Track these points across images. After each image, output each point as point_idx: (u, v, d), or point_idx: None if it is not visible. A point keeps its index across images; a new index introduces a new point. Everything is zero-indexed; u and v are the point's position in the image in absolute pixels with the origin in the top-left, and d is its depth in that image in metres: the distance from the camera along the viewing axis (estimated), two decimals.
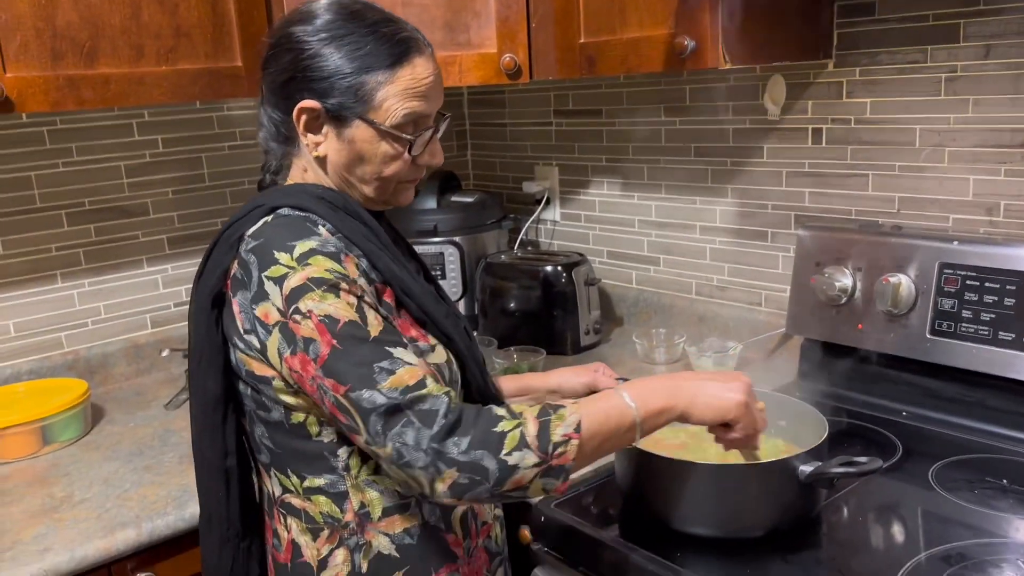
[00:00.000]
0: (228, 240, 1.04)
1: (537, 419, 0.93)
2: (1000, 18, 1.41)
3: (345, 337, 0.93)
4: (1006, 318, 1.36)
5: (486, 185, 2.43)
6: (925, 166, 1.54)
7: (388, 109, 1.03)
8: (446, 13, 1.62)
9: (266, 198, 1.06)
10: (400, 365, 0.93)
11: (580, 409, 0.95)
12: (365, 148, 1.05)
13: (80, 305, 1.86)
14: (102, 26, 1.46)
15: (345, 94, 1.02)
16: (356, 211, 1.07)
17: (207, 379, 1.06)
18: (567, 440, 0.93)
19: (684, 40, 1.38)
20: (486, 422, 0.92)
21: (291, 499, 1.06)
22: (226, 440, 1.09)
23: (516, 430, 0.91)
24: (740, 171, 1.82)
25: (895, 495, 1.25)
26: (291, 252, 0.97)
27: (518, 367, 1.75)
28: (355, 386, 0.92)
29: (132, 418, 1.70)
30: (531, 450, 0.91)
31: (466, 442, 0.90)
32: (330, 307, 0.94)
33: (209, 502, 1.12)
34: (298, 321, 0.94)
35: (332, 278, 0.96)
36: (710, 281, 1.94)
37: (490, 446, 0.90)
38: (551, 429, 0.92)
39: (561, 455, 0.92)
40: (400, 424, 0.91)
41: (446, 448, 0.89)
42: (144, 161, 1.90)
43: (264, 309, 0.97)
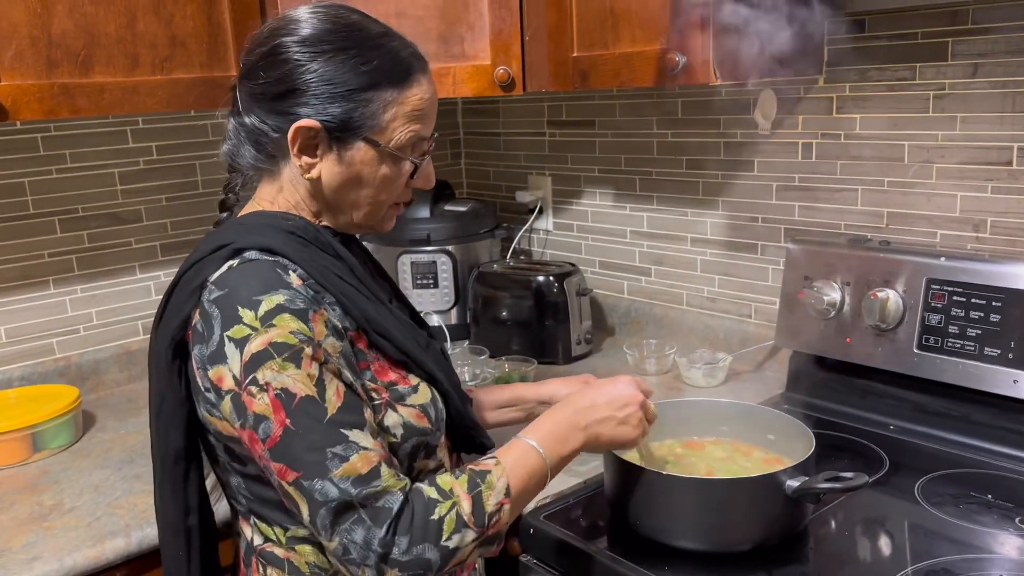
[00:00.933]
0: (189, 284, 0.96)
1: (469, 494, 0.93)
2: (988, 37, 1.42)
3: (300, 415, 0.88)
4: (992, 334, 1.38)
5: (479, 194, 2.44)
6: (913, 182, 1.56)
7: (394, 130, 0.98)
8: (440, 25, 1.63)
9: (229, 235, 0.97)
10: (355, 451, 0.89)
11: (505, 471, 0.96)
12: (365, 171, 0.99)
13: (72, 311, 1.86)
14: (97, 35, 1.46)
15: (350, 112, 0.96)
16: (328, 243, 1.01)
17: (169, 432, 1.01)
18: (500, 507, 0.94)
19: (675, 56, 1.39)
20: (423, 512, 0.90)
21: (273, 549, 1.02)
22: (187, 498, 1.04)
23: (452, 512, 0.91)
24: (731, 184, 1.83)
25: (881, 509, 1.26)
26: (256, 309, 0.90)
27: (509, 377, 1.76)
28: (307, 474, 0.88)
29: (123, 425, 1.70)
30: (469, 528, 0.92)
31: (406, 541, 0.88)
32: (288, 379, 0.88)
33: (169, 561, 1.06)
34: (253, 394, 0.89)
35: (296, 342, 0.89)
36: (701, 292, 1.95)
37: (430, 536, 0.89)
38: (484, 501, 0.93)
39: (496, 523, 0.94)
40: (350, 521, 0.88)
41: (390, 550, 0.88)
42: (138, 168, 1.90)
43: (219, 372, 0.91)
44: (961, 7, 1.44)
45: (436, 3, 1.62)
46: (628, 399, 1.08)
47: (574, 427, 1.04)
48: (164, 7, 1.52)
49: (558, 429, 1.04)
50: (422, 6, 1.61)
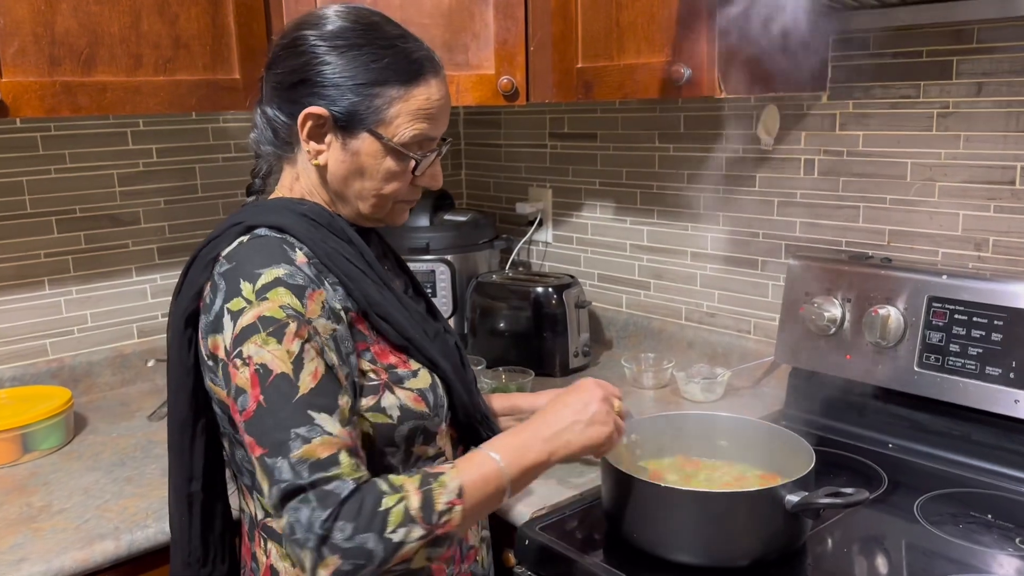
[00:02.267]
0: (204, 259, 1.02)
1: (419, 490, 0.92)
2: (992, 56, 1.43)
3: (272, 392, 0.91)
4: (993, 353, 1.37)
5: (479, 205, 2.44)
6: (916, 200, 1.56)
7: (399, 126, 1.01)
8: (445, 33, 1.62)
9: (245, 215, 1.03)
10: (317, 434, 0.90)
11: (460, 475, 0.95)
12: (368, 162, 1.03)
13: (67, 312, 1.85)
14: (101, 34, 1.46)
15: (357, 104, 1.00)
16: (341, 228, 1.04)
17: (177, 401, 1.06)
18: (451, 507, 0.92)
19: (680, 68, 1.39)
20: (371, 502, 0.90)
21: (272, 523, 1.04)
22: (192, 464, 1.08)
23: (399, 505, 0.90)
24: (732, 199, 1.83)
25: (880, 527, 1.25)
26: (254, 282, 0.94)
27: (506, 388, 1.75)
28: (270, 451, 0.90)
29: (115, 428, 1.68)
30: (416, 523, 0.90)
31: (350, 527, 0.88)
32: (268, 355, 0.91)
33: (173, 524, 1.11)
34: (237, 367, 0.93)
35: (283, 317, 0.92)
36: (700, 307, 1.94)
37: (374, 527, 0.89)
38: (434, 498, 0.92)
39: (446, 523, 0.92)
40: (297, 500, 0.89)
41: (331, 533, 0.87)
42: (137, 170, 1.89)
43: (215, 341, 0.96)
44: (966, 26, 1.44)
45: (441, 11, 1.62)
46: (588, 399, 1.07)
47: (537, 438, 1.03)
48: (169, 8, 1.52)
49: (519, 440, 1.02)
50: (427, 14, 1.62)
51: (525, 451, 1.01)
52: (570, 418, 1.05)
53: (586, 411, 1.06)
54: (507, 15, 1.62)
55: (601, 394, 1.08)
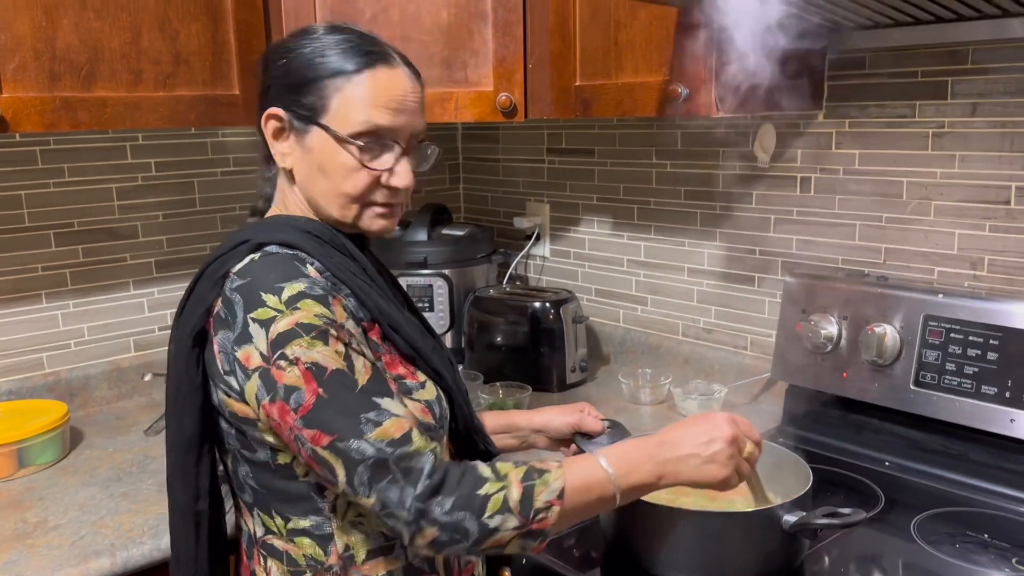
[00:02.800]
0: (212, 276, 1.01)
1: (521, 483, 0.93)
2: (987, 77, 1.44)
3: (332, 385, 0.92)
4: (989, 372, 1.38)
5: (477, 219, 2.44)
6: (912, 218, 1.56)
7: (345, 116, 1.01)
8: (444, 50, 1.63)
9: (252, 232, 1.04)
10: (387, 416, 0.93)
11: (564, 475, 0.95)
12: (324, 159, 1.02)
13: (64, 326, 1.84)
14: (101, 50, 1.46)
15: (304, 98, 1.02)
16: (343, 244, 1.06)
17: (183, 418, 1.04)
18: (549, 507, 0.93)
19: (678, 87, 1.40)
20: (471, 484, 0.92)
21: (273, 540, 1.05)
22: (199, 482, 1.07)
23: (500, 493, 0.92)
24: (729, 216, 1.84)
25: (877, 546, 1.25)
26: (279, 295, 0.95)
27: (503, 403, 1.75)
28: (342, 435, 0.91)
29: (111, 443, 1.68)
30: (513, 514, 0.91)
31: (449, 503, 0.90)
32: (318, 354, 0.93)
33: (178, 544, 1.09)
34: (282, 368, 0.92)
35: (321, 324, 0.94)
36: (697, 323, 1.95)
37: (473, 508, 0.90)
38: (534, 494, 0.93)
39: (542, 520, 0.93)
40: (386, 480, 0.91)
41: (429, 508, 0.90)
42: (136, 184, 1.90)
43: (246, 352, 0.95)
44: (961, 47, 1.45)
45: (441, 29, 1.63)
46: (715, 435, 1.02)
47: (650, 459, 1.01)
48: (169, 24, 1.52)
49: (632, 456, 1.01)
50: (427, 31, 1.62)
51: (637, 468, 1.00)
52: (690, 449, 1.01)
53: (709, 447, 1.02)
54: (506, 33, 1.63)
55: (731, 434, 1.03)
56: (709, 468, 1.02)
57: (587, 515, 1.01)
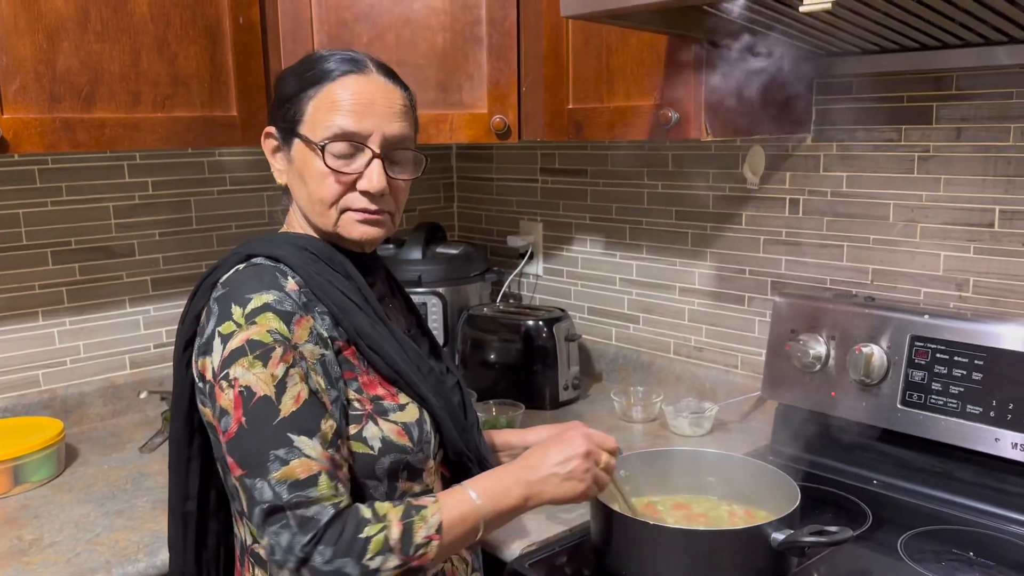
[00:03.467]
0: (206, 286, 1.07)
1: (401, 521, 0.96)
2: (971, 103, 1.47)
3: (254, 414, 0.94)
4: (974, 392, 1.40)
5: (471, 238, 2.46)
6: (898, 240, 1.59)
7: (316, 122, 1.05)
8: (440, 74, 1.66)
9: (248, 246, 1.09)
10: (296, 456, 0.93)
11: (441, 509, 0.99)
12: (303, 167, 1.07)
13: (60, 343, 1.86)
14: (101, 72, 1.49)
15: (288, 112, 1.07)
16: (340, 263, 1.07)
17: (175, 421, 1.10)
18: (428, 542, 0.96)
19: (668, 112, 1.43)
20: (352, 528, 0.94)
21: (259, 549, 1.06)
22: (188, 483, 1.11)
23: (380, 534, 0.94)
24: (719, 236, 1.86)
25: (864, 564, 1.27)
26: (245, 306, 0.98)
27: (496, 421, 1.76)
28: (250, 472, 0.94)
29: (106, 460, 1.69)
30: (393, 553, 0.94)
31: (330, 551, 0.92)
32: (253, 377, 0.95)
33: (171, 544, 1.15)
34: (223, 388, 0.96)
35: (269, 341, 0.96)
36: (688, 342, 1.97)
37: (353, 553, 0.93)
38: (414, 531, 0.96)
39: (422, 556, 0.96)
40: (279, 524, 0.93)
41: (311, 557, 0.92)
42: (133, 203, 1.91)
43: (204, 362, 1.00)
44: (945, 73, 1.49)
45: (436, 53, 1.65)
46: (570, 453, 1.08)
47: (517, 483, 1.05)
48: (168, 47, 1.55)
49: (500, 483, 1.05)
50: (422, 55, 1.65)
51: (504, 494, 1.04)
52: (549, 469, 1.07)
53: (565, 465, 1.07)
54: (500, 57, 1.66)
55: (584, 449, 1.09)
56: (567, 485, 1.08)
57: (462, 545, 1.03)
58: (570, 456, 1.08)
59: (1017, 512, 1.37)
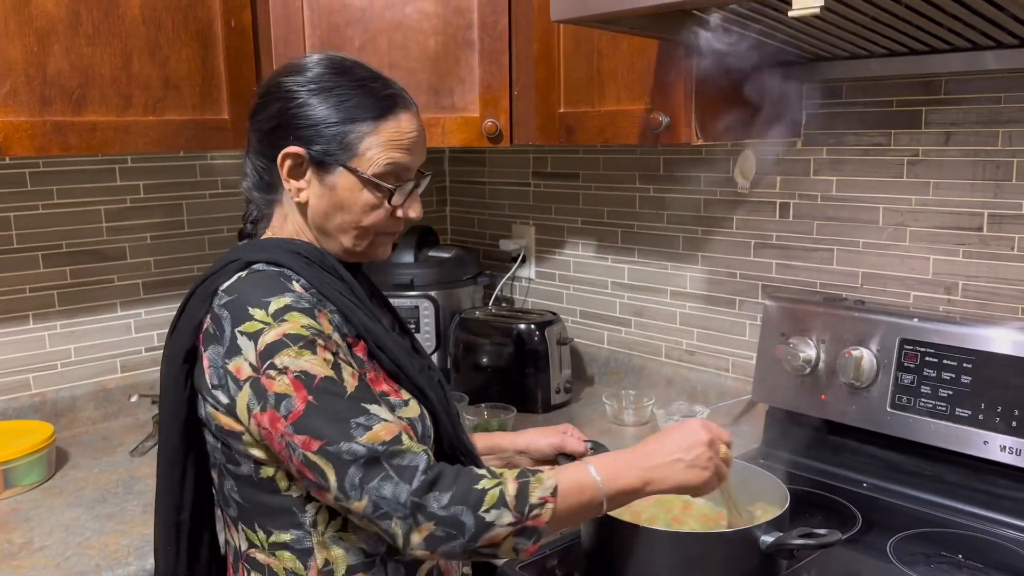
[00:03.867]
0: (202, 294, 1.05)
1: (517, 480, 0.96)
2: (959, 107, 1.48)
3: (321, 392, 0.95)
4: (963, 395, 1.41)
5: (463, 241, 2.47)
6: (888, 244, 1.60)
7: (371, 158, 1.06)
8: (431, 77, 1.66)
9: (241, 252, 1.07)
10: (376, 421, 0.95)
11: (557, 475, 0.98)
12: (346, 196, 1.07)
13: (51, 347, 1.85)
14: (92, 75, 1.49)
15: (330, 142, 1.05)
16: (332, 266, 1.08)
17: (170, 432, 1.08)
18: (543, 503, 0.95)
19: (659, 116, 1.44)
20: (467, 479, 0.94)
21: (256, 554, 1.06)
22: (183, 494, 1.10)
23: (496, 488, 0.94)
24: (710, 240, 1.87)
25: (854, 567, 1.27)
26: (266, 308, 0.98)
27: (488, 424, 1.76)
28: (332, 439, 0.93)
29: (97, 464, 1.68)
30: (508, 509, 0.93)
31: (447, 497, 0.92)
32: (306, 363, 0.95)
33: (159, 554, 1.13)
34: (272, 377, 0.95)
35: (308, 334, 0.97)
36: (679, 345, 1.97)
37: (469, 502, 0.93)
38: (530, 490, 0.95)
39: (536, 517, 0.95)
40: (379, 478, 0.92)
41: (426, 502, 0.92)
42: (124, 206, 1.91)
43: (236, 364, 0.98)
44: (934, 78, 1.50)
45: (428, 56, 1.66)
46: (695, 440, 1.07)
47: (633, 466, 1.04)
48: (160, 50, 1.55)
49: (617, 463, 1.04)
50: (414, 59, 1.65)
51: (623, 473, 1.03)
52: (674, 454, 1.05)
53: (691, 451, 1.06)
54: (492, 61, 1.66)
55: (708, 438, 1.07)
56: (692, 472, 1.06)
57: (578, 518, 1.04)
58: (694, 443, 1.06)
59: (1006, 515, 1.38)
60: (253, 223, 1.16)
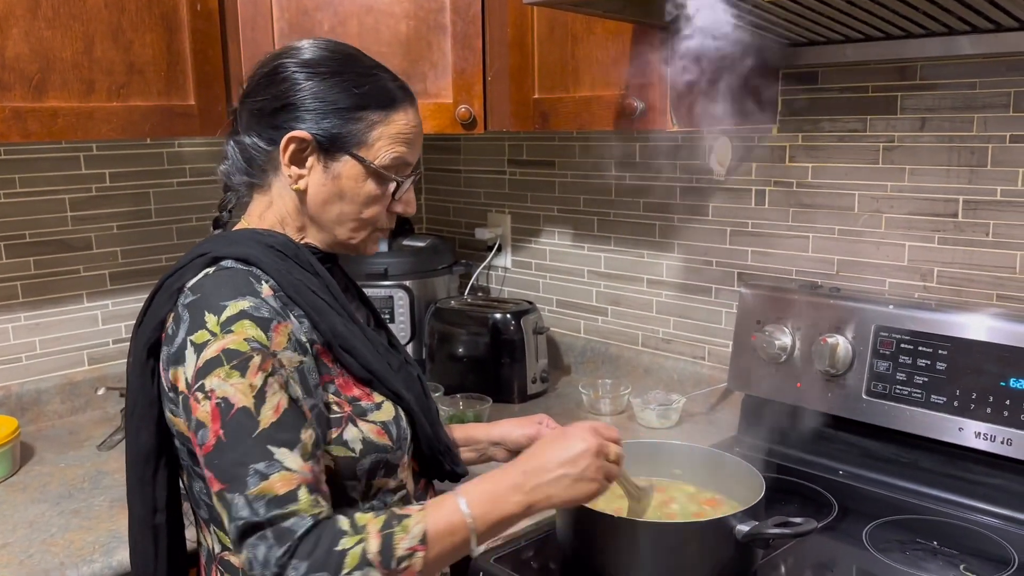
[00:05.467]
0: (168, 289, 1.02)
1: (380, 532, 0.91)
2: (935, 93, 1.47)
3: (233, 426, 0.91)
4: (938, 382, 1.41)
5: (439, 230, 2.44)
6: (863, 231, 1.59)
7: (379, 149, 1.04)
8: (403, 62, 1.63)
9: (212, 245, 1.04)
10: (276, 469, 0.90)
11: (425, 519, 0.93)
12: (349, 185, 1.04)
13: (15, 339, 1.81)
14: (53, 60, 1.44)
15: (339, 127, 1.02)
16: (308, 260, 1.05)
17: (140, 432, 1.04)
18: (412, 553, 0.91)
19: (634, 102, 1.42)
20: (328, 542, 0.89)
21: (230, 557, 1.04)
22: (156, 495, 1.07)
23: (357, 547, 0.89)
24: (686, 227, 1.86)
25: (830, 554, 1.27)
26: (219, 314, 0.94)
27: (464, 415, 1.74)
28: (229, 487, 0.90)
29: (63, 458, 1.65)
30: (373, 567, 0.89)
31: (304, 566, 0.87)
32: (231, 388, 0.91)
33: (137, 557, 1.09)
34: (198, 400, 0.93)
35: (247, 350, 0.92)
36: (656, 333, 1.96)
37: (330, 567, 0.88)
38: (394, 543, 0.90)
39: (406, 569, 0.91)
40: (255, 537, 0.89)
41: (286, 572, 0.88)
42: (90, 195, 1.87)
43: (175, 374, 0.96)
44: (909, 63, 1.49)
45: (400, 41, 1.63)
46: (581, 451, 1.01)
47: (516, 489, 0.98)
48: (123, 34, 1.51)
49: (497, 489, 0.99)
50: (385, 43, 1.62)
51: (500, 502, 0.97)
52: (558, 470, 1.00)
53: (577, 464, 1.00)
54: (465, 45, 1.63)
55: (596, 446, 1.02)
56: (580, 485, 1.01)
57: (453, 558, 0.98)
58: (580, 454, 1.01)
59: (981, 501, 1.38)
60: (231, 211, 1.13)
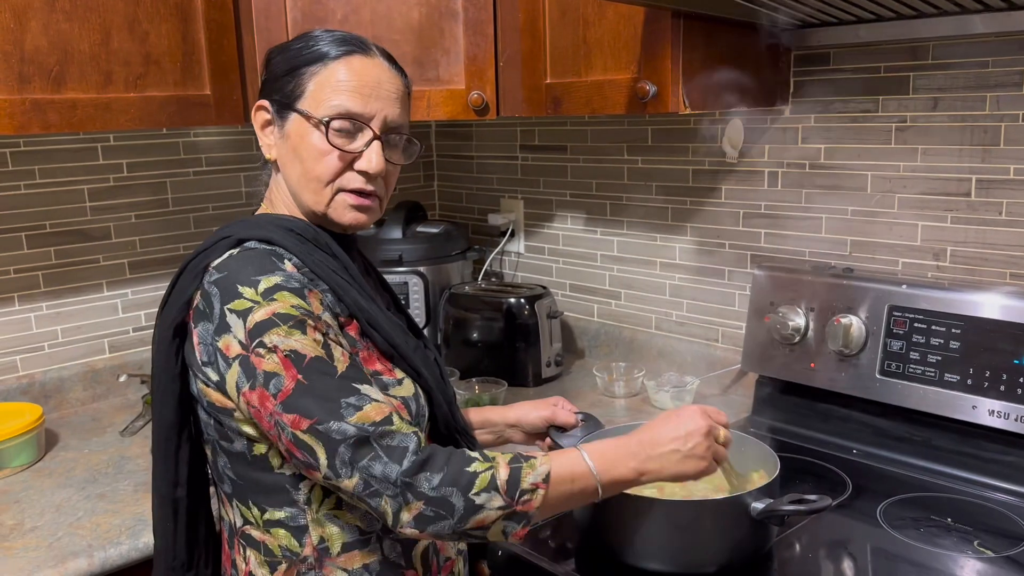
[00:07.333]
0: (193, 270, 1.04)
1: (509, 465, 0.95)
2: (947, 72, 1.47)
3: (311, 372, 0.94)
4: (951, 360, 1.41)
5: (452, 216, 2.46)
6: (876, 211, 1.60)
7: (318, 99, 1.04)
8: (416, 49, 1.64)
9: (234, 229, 1.06)
10: (367, 401, 0.94)
11: (551, 461, 0.98)
12: (299, 143, 1.05)
13: (37, 328, 1.84)
14: (71, 52, 1.46)
15: (284, 87, 1.06)
16: (326, 243, 1.07)
17: (163, 408, 1.07)
18: (534, 489, 0.95)
19: (646, 85, 1.42)
20: (459, 462, 0.94)
21: (251, 531, 1.06)
22: (178, 470, 1.10)
23: (487, 472, 0.94)
24: (699, 210, 1.86)
25: (845, 532, 1.28)
26: (255, 287, 0.97)
27: (479, 398, 1.76)
28: (322, 418, 0.92)
29: (87, 444, 1.68)
30: (499, 493, 0.93)
31: (437, 478, 0.92)
32: (296, 343, 0.95)
33: (157, 531, 1.12)
34: (261, 355, 0.94)
35: (298, 314, 0.96)
36: (669, 316, 1.97)
37: (460, 484, 0.92)
38: (521, 476, 0.95)
39: (527, 502, 0.94)
40: (368, 457, 0.92)
41: (417, 482, 0.91)
42: (108, 185, 1.89)
43: (226, 341, 0.97)
44: (922, 43, 1.49)
45: (412, 28, 1.64)
46: (693, 430, 1.05)
47: (630, 455, 1.03)
48: (139, 25, 1.52)
49: (612, 453, 1.03)
50: (398, 30, 1.63)
51: (617, 463, 1.02)
52: (670, 444, 1.04)
53: (688, 441, 1.04)
54: (477, 32, 1.64)
55: (706, 427, 1.06)
56: (689, 462, 1.05)
57: (569, 505, 1.03)
58: (691, 431, 1.05)
59: (994, 478, 1.39)
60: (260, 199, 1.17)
